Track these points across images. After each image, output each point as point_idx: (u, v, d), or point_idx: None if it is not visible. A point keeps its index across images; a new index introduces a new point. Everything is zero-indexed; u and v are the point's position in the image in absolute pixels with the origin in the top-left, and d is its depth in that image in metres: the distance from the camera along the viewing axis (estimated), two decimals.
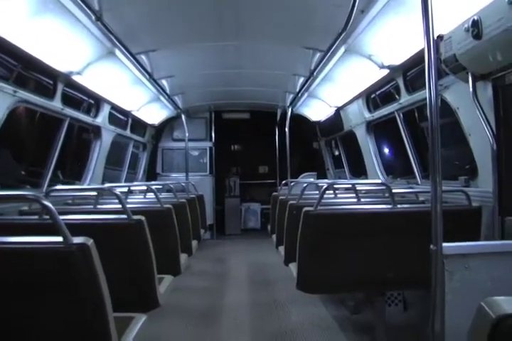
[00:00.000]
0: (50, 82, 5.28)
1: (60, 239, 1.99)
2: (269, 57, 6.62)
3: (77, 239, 2.00)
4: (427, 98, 2.23)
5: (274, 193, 7.38)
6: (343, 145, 9.56)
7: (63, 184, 6.21)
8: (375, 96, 6.75)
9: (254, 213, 12.22)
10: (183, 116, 9.78)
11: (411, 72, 5.26)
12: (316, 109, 9.53)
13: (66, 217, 2.10)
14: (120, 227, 3.15)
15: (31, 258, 2.01)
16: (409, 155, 6.00)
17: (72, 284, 2.02)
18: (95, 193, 4.81)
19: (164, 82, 7.36)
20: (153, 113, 9.48)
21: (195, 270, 7.51)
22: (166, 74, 7.08)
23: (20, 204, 4.56)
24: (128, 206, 3.29)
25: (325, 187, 3.96)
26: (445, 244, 2.16)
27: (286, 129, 9.12)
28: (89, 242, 2.01)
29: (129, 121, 8.58)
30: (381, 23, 4.34)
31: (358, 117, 7.44)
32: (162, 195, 5.85)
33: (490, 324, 1.22)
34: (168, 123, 11.14)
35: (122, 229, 3.14)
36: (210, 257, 8.87)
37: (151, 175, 10.91)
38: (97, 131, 7.06)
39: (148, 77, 6.34)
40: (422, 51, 2.25)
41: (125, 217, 3.16)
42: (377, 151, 7.25)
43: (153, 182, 8.53)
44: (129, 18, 4.76)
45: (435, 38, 2.28)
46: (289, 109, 8.88)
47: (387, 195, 3.99)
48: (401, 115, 6.03)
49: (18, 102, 4.51)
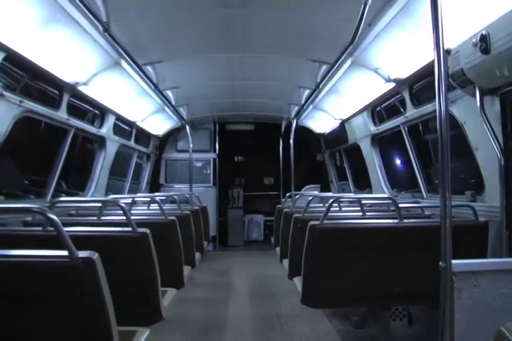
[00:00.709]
0: (56, 92, 5.29)
1: (65, 252, 1.97)
2: (275, 70, 6.62)
3: (83, 253, 1.98)
4: (436, 112, 2.23)
5: (278, 206, 7.35)
6: (347, 158, 9.52)
7: (67, 194, 6.21)
8: (381, 110, 6.72)
9: (258, 225, 12.18)
10: (188, 127, 9.79)
11: (417, 85, 5.24)
12: (320, 122, 9.52)
13: (71, 229, 2.08)
14: (125, 240, 3.14)
15: (36, 272, 2.00)
16: (414, 168, 5.98)
17: (76, 298, 2.00)
18: (100, 204, 4.79)
19: (169, 93, 7.37)
20: (158, 124, 9.51)
21: (198, 282, 7.46)
22: (171, 86, 7.10)
23: (24, 214, 4.54)
24: (132, 218, 3.28)
25: (331, 201, 3.95)
26: (454, 261, 2.13)
27: (291, 141, 9.15)
28: (95, 256, 1.99)
29: (134, 131, 8.59)
30: (388, 37, 4.35)
31: (362, 130, 7.42)
32: (166, 206, 5.83)
33: None
34: (172, 134, 11.16)
35: (127, 241, 3.13)
36: (213, 269, 8.81)
37: (154, 185, 10.91)
38: (101, 141, 7.07)
39: (153, 88, 6.34)
40: (428, 65, 2.26)
41: (130, 229, 3.15)
42: (382, 164, 7.22)
43: (157, 194, 8.51)
44: (136, 30, 4.78)
45: (445, 51, 2.28)
46: (294, 121, 8.91)
47: (393, 208, 3.96)
48: (406, 128, 6.01)
49: (23, 112, 4.51)
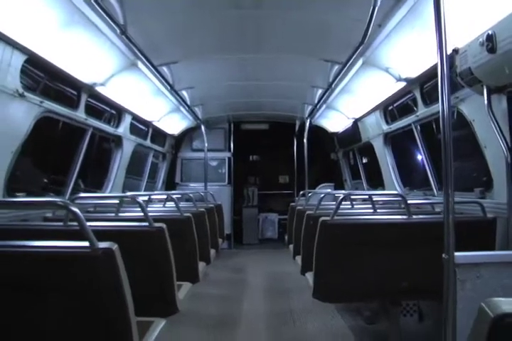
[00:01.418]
0: (75, 92, 5.42)
1: (86, 243, 2.07)
2: (288, 69, 6.69)
3: (103, 244, 2.08)
4: (439, 111, 2.29)
5: (292, 204, 7.40)
6: (360, 157, 9.56)
7: (84, 192, 6.33)
8: (393, 108, 6.77)
9: (272, 223, 12.20)
10: (203, 127, 9.89)
11: (428, 84, 5.28)
12: (334, 121, 9.55)
13: (90, 224, 2.19)
14: (142, 234, 3.24)
15: (58, 262, 2.09)
16: (425, 166, 6.03)
17: (97, 287, 2.09)
18: (117, 201, 4.92)
19: (185, 93, 7.48)
20: (174, 123, 9.62)
21: (213, 278, 7.56)
22: (186, 86, 7.20)
23: (44, 211, 4.68)
24: (149, 214, 3.39)
25: (341, 197, 4.03)
26: (457, 253, 2.19)
27: (305, 140, 9.22)
28: (114, 247, 2.09)
29: (150, 131, 8.71)
30: (398, 37, 4.41)
31: (375, 129, 7.47)
32: (181, 204, 5.94)
33: (489, 323, 1.29)
34: (187, 134, 11.27)
35: (144, 236, 3.23)
36: (227, 266, 8.91)
37: (170, 184, 11.02)
38: (118, 140, 7.21)
39: (169, 88, 6.46)
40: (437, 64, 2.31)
41: (147, 224, 3.26)
42: (395, 163, 7.27)
43: (173, 192, 8.63)
44: (152, 31, 4.89)
45: (448, 53, 2.35)
46: (308, 121, 8.97)
47: (404, 205, 4.03)
48: (418, 127, 6.06)
49: (44, 112, 4.64)
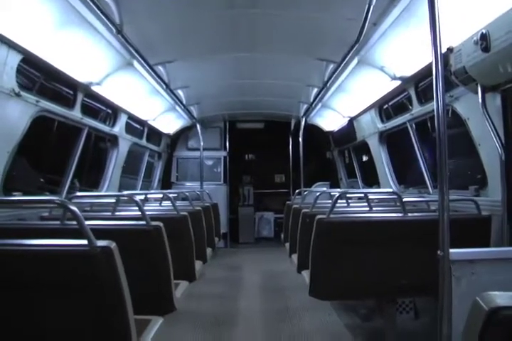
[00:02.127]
0: (71, 92, 5.42)
1: (84, 242, 2.08)
2: (284, 69, 6.70)
3: (101, 243, 2.09)
4: (434, 110, 2.31)
5: (288, 202, 7.41)
6: (356, 155, 9.58)
7: (80, 192, 6.33)
8: (388, 107, 6.79)
9: (268, 222, 12.23)
10: (198, 126, 9.90)
11: (423, 83, 5.30)
12: (329, 119, 9.57)
13: (88, 222, 2.20)
14: (139, 233, 3.26)
15: (57, 260, 2.10)
16: (420, 165, 6.06)
17: (95, 285, 2.10)
18: (114, 200, 4.93)
19: (180, 92, 7.48)
20: (169, 122, 9.62)
21: (210, 277, 7.58)
22: (182, 85, 7.20)
23: (41, 210, 4.68)
24: (146, 213, 3.40)
25: (337, 195, 4.05)
26: (452, 250, 2.21)
27: (300, 139, 9.22)
28: (112, 245, 2.10)
29: (145, 130, 8.71)
30: (393, 36, 4.43)
31: (370, 127, 7.49)
32: (177, 203, 5.94)
33: (483, 316, 1.31)
34: (183, 133, 11.27)
35: (141, 234, 3.24)
36: (224, 265, 8.93)
37: (165, 183, 11.02)
38: (114, 140, 7.21)
39: (164, 87, 6.47)
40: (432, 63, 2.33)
41: (144, 223, 3.27)
42: (390, 161, 7.29)
43: (169, 191, 8.63)
44: (148, 31, 4.90)
45: (443, 51, 2.36)
46: (303, 119, 8.98)
47: (399, 203, 4.05)
48: (413, 125, 6.09)
49: (40, 111, 4.64)
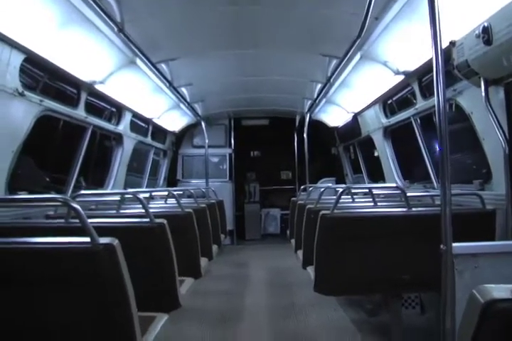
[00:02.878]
0: (74, 91, 5.44)
1: (87, 239, 2.09)
2: (287, 65, 6.70)
3: (104, 240, 2.10)
4: (435, 104, 2.30)
5: (293, 198, 7.42)
6: (361, 151, 9.55)
7: (86, 190, 6.35)
8: (392, 102, 6.78)
9: (274, 218, 12.25)
10: (203, 123, 9.90)
11: (426, 77, 5.28)
12: (333, 115, 9.55)
13: (92, 220, 2.21)
14: (143, 230, 3.27)
15: (60, 257, 2.11)
16: (425, 159, 6.05)
17: (99, 282, 2.11)
18: (118, 198, 4.95)
19: (184, 90, 7.49)
20: (174, 120, 9.64)
21: (215, 274, 7.60)
22: (185, 82, 7.21)
23: (46, 208, 4.71)
24: (150, 210, 3.41)
25: (341, 191, 4.05)
26: (455, 244, 2.20)
27: (305, 135, 9.22)
28: (115, 242, 2.11)
29: (150, 128, 8.74)
30: (395, 30, 4.41)
31: (375, 122, 7.47)
32: (183, 200, 5.95)
33: (480, 308, 1.32)
34: (188, 131, 11.29)
35: (145, 231, 3.26)
36: (230, 262, 8.95)
37: (171, 181, 11.05)
38: (118, 138, 7.23)
39: (168, 85, 6.48)
40: None
41: (148, 220, 3.29)
42: (395, 156, 7.28)
43: (174, 188, 8.65)
44: (150, 29, 4.91)
45: (445, 45, 2.36)
46: (308, 115, 8.98)
47: (403, 198, 4.04)
48: (417, 120, 6.07)
49: (44, 111, 4.67)
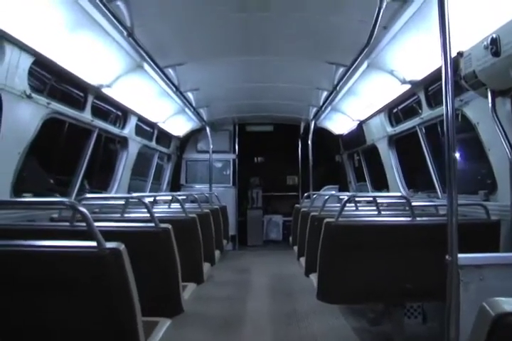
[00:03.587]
0: (81, 94, 5.46)
1: (93, 243, 2.09)
2: (294, 72, 6.71)
3: (110, 244, 2.10)
4: (443, 114, 2.31)
5: (297, 205, 7.42)
6: (365, 159, 9.53)
7: (90, 193, 6.36)
8: (397, 111, 6.78)
9: (276, 225, 12.21)
10: (208, 129, 9.92)
11: (432, 87, 5.29)
12: (338, 123, 9.54)
13: (97, 224, 2.21)
14: (148, 235, 3.27)
15: (66, 261, 2.11)
16: (430, 169, 6.04)
17: (104, 287, 2.11)
18: (123, 202, 4.95)
19: (190, 95, 7.50)
20: (179, 125, 9.64)
21: (218, 279, 7.58)
22: (192, 87, 7.23)
23: (51, 211, 4.71)
24: (154, 215, 3.42)
25: (346, 199, 4.04)
26: (460, 255, 2.20)
27: (309, 142, 9.23)
28: (121, 247, 2.12)
29: (155, 132, 8.74)
30: (403, 39, 4.42)
31: (380, 131, 7.46)
32: (186, 205, 5.95)
33: (490, 321, 1.31)
34: (192, 135, 11.29)
35: (149, 236, 3.26)
36: (232, 267, 8.93)
37: (175, 185, 11.05)
38: (123, 141, 7.24)
39: (174, 89, 6.50)
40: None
41: (152, 225, 3.29)
42: (399, 165, 7.27)
43: (178, 193, 8.65)
44: (159, 33, 4.92)
45: (453, 56, 2.36)
46: (312, 122, 9.00)
47: (408, 208, 4.03)
48: (423, 129, 6.06)
49: (51, 113, 4.67)
